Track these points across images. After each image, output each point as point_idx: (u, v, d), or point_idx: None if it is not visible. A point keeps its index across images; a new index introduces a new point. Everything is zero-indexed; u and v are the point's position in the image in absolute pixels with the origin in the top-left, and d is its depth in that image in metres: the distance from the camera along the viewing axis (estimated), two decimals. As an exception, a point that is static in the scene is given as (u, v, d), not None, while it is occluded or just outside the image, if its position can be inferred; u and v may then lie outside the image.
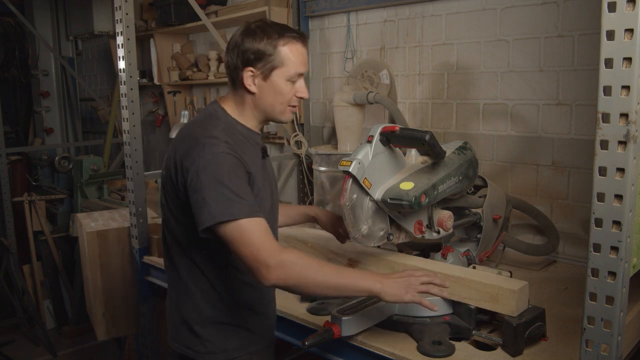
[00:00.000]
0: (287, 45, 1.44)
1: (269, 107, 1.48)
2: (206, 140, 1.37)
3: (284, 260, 1.27)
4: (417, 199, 1.51)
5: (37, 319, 4.23)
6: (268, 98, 1.47)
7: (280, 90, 1.45)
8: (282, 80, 1.45)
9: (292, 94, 1.47)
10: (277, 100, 1.47)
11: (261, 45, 1.42)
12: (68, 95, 5.73)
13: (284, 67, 1.43)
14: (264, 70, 1.44)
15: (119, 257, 2.53)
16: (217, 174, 1.32)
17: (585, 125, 2.10)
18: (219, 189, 1.31)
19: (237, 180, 1.34)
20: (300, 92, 1.49)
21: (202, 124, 1.46)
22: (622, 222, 1.00)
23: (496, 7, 2.28)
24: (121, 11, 2.27)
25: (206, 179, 1.32)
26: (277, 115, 1.50)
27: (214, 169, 1.33)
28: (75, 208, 4.20)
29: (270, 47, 1.42)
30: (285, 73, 1.44)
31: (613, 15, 0.97)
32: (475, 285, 1.49)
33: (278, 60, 1.43)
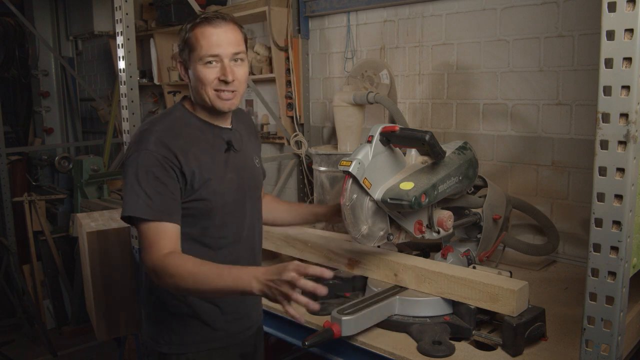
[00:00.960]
0: (197, 28, 1.44)
1: (197, 94, 1.48)
2: (141, 135, 1.43)
3: (161, 271, 1.32)
4: (417, 199, 1.51)
5: (37, 319, 4.23)
6: (194, 85, 1.48)
7: (198, 75, 1.44)
8: (197, 64, 1.44)
9: (212, 78, 1.44)
10: (199, 86, 1.46)
11: (181, 36, 1.48)
12: (68, 95, 5.73)
13: (195, 50, 1.44)
14: (185, 58, 1.47)
15: (119, 257, 2.53)
16: (135, 170, 1.38)
17: (585, 125, 2.10)
18: (133, 185, 1.37)
19: (153, 181, 1.38)
20: (220, 73, 1.44)
21: (153, 119, 1.50)
22: (622, 222, 1.00)
23: (496, 7, 2.28)
24: (121, 11, 2.27)
25: (127, 174, 1.39)
26: (209, 102, 1.47)
27: (135, 165, 1.38)
28: (75, 208, 4.20)
29: (186, 34, 1.46)
30: (197, 56, 1.44)
31: (613, 15, 0.97)
32: (475, 285, 1.49)
33: (191, 45, 1.45)
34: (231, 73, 1.44)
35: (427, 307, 1.56)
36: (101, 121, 5.27)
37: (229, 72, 1.43)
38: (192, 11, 2.89)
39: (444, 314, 1.55)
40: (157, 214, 1.36)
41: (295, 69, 3.06)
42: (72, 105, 5.73)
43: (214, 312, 1.53)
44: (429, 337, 1.45)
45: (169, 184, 1.39)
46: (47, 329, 4.29)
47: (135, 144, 1.42)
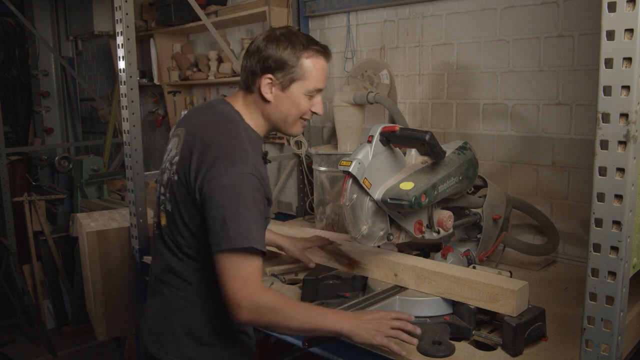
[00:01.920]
0: (311, 58, 1.41)
1: (282, 118, 1.44)
2: (235, 156, 1.32)
3: (258, 305, 1.27)
4: (417, 199, 1.51)
5: (37, 319, 4.23)
6: (283, 109, 1.43)
7: (297, 103, 1.42)
8: (300, 94, 1.42)
9: (307, 108, 1.44)
10: (291, 113, 1.43)
11: (284, 55, 1.38)
12: (68, 95, 5.73)
13: (305, 81, 1.40)
14: (284, 80, 1.40)
15: (119, 257, 2.53)
16: (241, 196, 1.28)
17: (585, 125, 2.10)
18: (241, 213, 1.27)
19: (257, 207, 1.30)
20: (316, 107, 1.46)
21: (222, 130, 1.40)
22: (622, 222, 1.00)
23: (496, 7, 2.28)
24: (121, 11, 2.27)
25: (230, 198, 1.28)
26: (287, 127, 1.46)
27: (239, 189, 1.29)
28: (75, 208, 4.20)
29: (293, 58, 1.39)
30: (305, 87, 1.41)
31: (613, 15, 0.97)
32: (475, 285, 1.49)
33: (299, 73, 1.40)
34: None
35: (427, 307, 1.56)
36: (101, 121, 5.27)
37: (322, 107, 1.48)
38: (192, 11, 2.89)
39: (444, 314, 1.55)
40: (262, 245, 1.30)
41: (295, 69, 3.05)
42: (72, 105, 5.73)
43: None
44: (429, 337, 1.45)
45: (262, 212, 1.33)
46: (47, 329, 4.29)
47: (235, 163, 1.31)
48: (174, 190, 1.42)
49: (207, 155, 1.33)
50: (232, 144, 1.35)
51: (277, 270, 2.02)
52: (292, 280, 1.99)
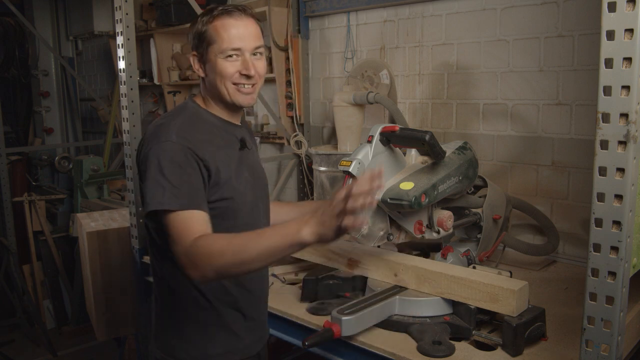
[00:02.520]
0: (217, 20, 1.40)
1: (216, 89, 1.43)
2: (159, 129, 1.37)
3: (197, 256, 1.20)
4: (417, 199, 1.51)
5: (37, 319, 4.23)
6: (211, 79, 1.43)
7: (217, 69, 1.39)
8: (216, 57, 1.39)
9: (232, 71, 1.40)
10: (218, 80, 1.41)
11: (197, 28, 1.42)
12: (68, 95, 5.73)
13: (215, 44, 1.39)
14: (202, 52, 1.42)
15: (119, 257, 2.53)
16: (159, 162, 1.31)
17: (585, 125, 2.10)
18: (157, 178, 1.30)
19: (178, 170, 1.31)
20: (245, 67, 1.39)
21: (167, 115, 1.45)
22: (622, 222, 1.00)
23: (496, 7, 2.28)
24: (121, 11, 2.27)
25: (149, 167, 1.32)
26: (227, 96, 1.43)
27: (157, 157, 1.32)
28: (75, 208, 4.20)
29: (203, 26, 1.41)
30: (217, 49, 1.39)
31: (613, 15, 0.97)
32: (475, 285, 1.49)
33: (209, 38, 1.40)
34: (253, 67, 1.40)
35: (427, 307, 1.56)
36: (101, 121, 5.27)
37: (251, 66, 1.40)
38: (192, 11, 2.89)
39: (444, 314, 1.55)
40: (184, 203, 1.28)
41: (295, 69, 3.06)
42: (72, 105, 5.73)
43: (238, 317, 1.49)
44: (429, 337, 1.45)
45: (193, 175, 1.32)
46: (47, 329, 4.29)
47: (154, 137, 1.36)
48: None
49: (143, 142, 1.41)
50: (158, 124, 1.40)
51: (277, 270, 2.02)
52: (292, 280, 1.99)
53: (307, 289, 1.76)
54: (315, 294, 1.75)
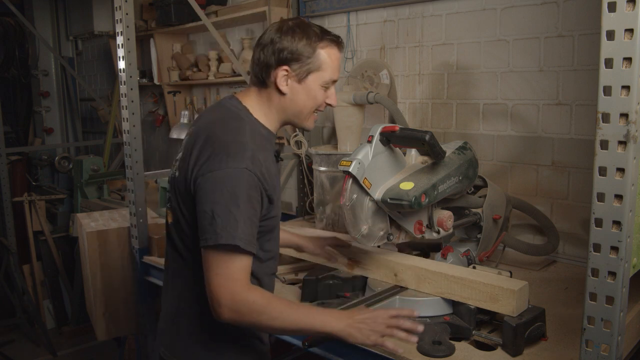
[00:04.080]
0: (326, 49, 1.37)
1: (297, 111, 1.41)
2: (233, 149, 1.29)
3: (240, 304, 1.23)
4: (417, 199, 1.51)
5: (37, 319, 4.23)
6: (299, 101, 1.40)
7: (313, 95, 1.39)
8: (316, 85, 1.39)
9: (322, 100, 1.42)
10: (307, 105, 1.40)
11: (300, 46, 1.35)
12: (68, 95, 5.73)
13: (321, 72, 1.38)
14: (300, 72, 1.37)
15: (119, 257, 2.53)
16: (232, 191, 1.25)
17: (585, 125, 2.10)
18: (231, 208, 1.24)
19: (249, 204, 1.27)
20: (331, 99, 1.43)
21: (225, 125, 1.36)
22: (622, 222, 1.00)
23: (496, 7, 2.28)
24: (121, 11, 2.27)
25: (220, 194, 1.25)
26: (302, 120, 1.43)
27: (231, 185, 1.25)
28: (75, 208, 4.20)
29: (309, 49, 1.35)
30: (321, 78, 1.38)
31: (613, 15, 0.97)
32: (475, 285, 1.49)
33: (316, 64, 1.36)
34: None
35: (427, 307, 1.56)
36: (101, 121, 5.27)
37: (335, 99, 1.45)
38: (192, 11, 2.88)
39: (444, 314, 1.55)
40: (249, 245, 1.26)
41: (295, 69, 3.05)
42: (72, 105, 5.73)
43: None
44: (429, 337, 1.45)
45: (257, 210, 1.30)
46: (47, 329, 4.29)
47: (231, 157, 1.27)
48: (176, 186, 1.40)
49: (206, 148, 1.31)
50: (231, 138, 1.32)
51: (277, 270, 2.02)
52: (292, 280, 1.99)
53: (307, 289, 1.76)
54: (315, 294, 1.75)
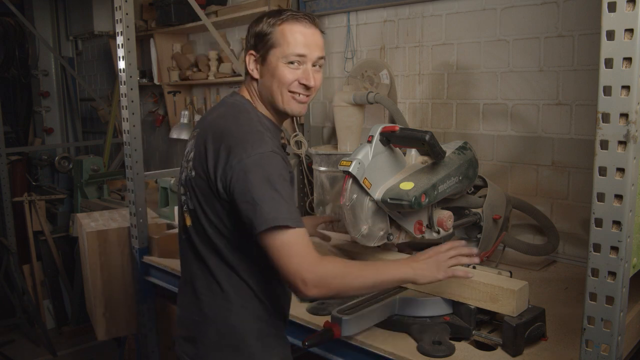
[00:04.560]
0: (285, 23, 1.34)
1: (270, 94, 1.38)
2: (250, 138, 1.28)
3: (322, 276, 1.23)
4: (417, 199, 1.51)
5: (37, 319, 4.23)
6: (267, 82, 1.38)
7: (276, 73, 1.34)
8: (278, 61, 1.34)
9: (292, 79, 1.35)
10: (274, 84, 1.36)
11: (262, 27, 1.36)
12: (68, 95, 5.73)
13: (279, 47, 1.34)
14: (263, 52, 1.36)
15: (119, 257, 2.53)
16: (266, 174, 1.24)
17: (585, 125, 2.10)
18: (269, 192, 1.23)
19: (285, 184, 1.26)
20: (305, 77, 1.36)
21: (235, 119, 1.35)
22: (622, 222, 1.00)
23: (496, 7, 2.28)
24: (121, 11, 2.27)
25: (256, 179, 1.23)
26: (280, 103, 1.38)
27: (263, 168, 1.24)
28: (75, 208, 4.20)
29: (269, 28, 1.35)
30: (281, 53, 1.34)
31: (613, 15, 0.97)
32: (475, 285, 1.49)
33: (273, 40, 1.35)
34: (313, 78, 1.37)
35: (427, 307, 1.56)
36: (101, 121, 5.27)
37: (311, 77, 1.37)
38: (192, 11, 2.88)
39: (444, 314, 1.55)
40: (298, 222, 1.24)
41: (295, 69, 3.05)
42: (72, 105, 5.73)
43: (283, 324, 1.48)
44: (429, 337, 1.45)
45: (292, 189, 1.29)
46: (47, 329, 4.29)
47: (256, 144, 1.27)
48: (194, 186, 1.37)
49: (223, 145, 1.29)
50: (245, 129, 1.31)
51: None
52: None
53: (307, 289, 1.76)
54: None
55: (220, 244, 1.36)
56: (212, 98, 3.91)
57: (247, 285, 1.37)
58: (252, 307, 1.38)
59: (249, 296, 1.38)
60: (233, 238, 1.34)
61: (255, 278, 1.38)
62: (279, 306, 1.44)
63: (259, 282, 1.38)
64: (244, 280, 1.37)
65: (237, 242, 1.34)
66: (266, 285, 1.40)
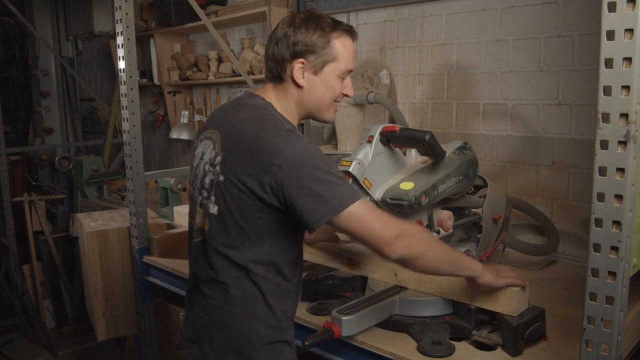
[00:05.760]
0: (340, 38, 1.37)
1: (316, 103, 1.41)
2: (287, 137, 1.29)
3: (408, 234, 1.27)
4: (417, 199, 1.51)
5: (37, 319, 4.23)
6: (317, 93, 1.39)
7: (330, 86, 1.39)
8: (333, 76, 1.38)
9: (340, 91, 1.42)
10: (325, 96, 1.40)
11: (314, 37, 1.35)
12: (68, 95, 5.73)
13: (337, 62, 1.37)
14: (316, 63, 1.36)
15: (119, 257, 2.53)
16: (316, 164, 1.26)
17: (585, 125, 2.10)
18: (327, 179, 1.25)
19: (332, 165, 1.29)
20: (347, 89, 1.43)
21: (262, 122, 1.34)
22: (622, 222, 1.00)
23: (496, 7, 2.28)
24: (121, 11, 2.27)
25: (310, 172, 1.24)
26: (321, 112, 1.43)
27: (311, 160, 1.26)
28: (75, 208, 4.20)
29: (323, 40, 1.35)
30: (337, 68, 1.38)
31: (613, 15, 0.97)
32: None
33: (331, 55, 1.36)
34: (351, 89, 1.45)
35: (427, 307, 1.56)
36: (101, 121, 5.27)
37: (351, 89, 1.45)
38: (192, 11, 2.88)
39: (444, 314, 1.55)
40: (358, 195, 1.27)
41: (295, 69, 3.05)
42: (72, 105, 5.73)
43: (290, 327, 1.45)
44: (429, 337, 1.45)
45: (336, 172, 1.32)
46: (47, 329, 4.29)
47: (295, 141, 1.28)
48: (222, 191, 1.34)
49: (258, 150, 1.28)
50: (278, 131, 1.32)
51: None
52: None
53: (307, 289, 1.76)
54: (315, 294, 1.75)
55: (240, 248, 1.34)
56: (212, 98, 3.91)
57: (258, 290, 1.36)
58: (261, 313, 1.37)
59: (259, 302, 1.37)
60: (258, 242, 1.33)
61: (268, 283, 1.37)
62: (288, 312, 1.42)
63: (270, 287, 1.37)
64: (256, 284, 1.36)
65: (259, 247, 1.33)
66: (277, 290, 1.38)
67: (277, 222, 1.33)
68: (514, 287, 1.43)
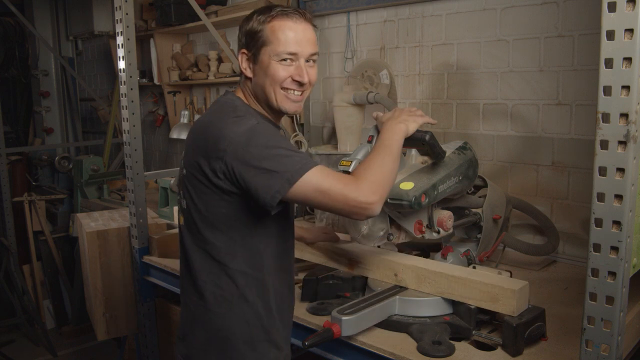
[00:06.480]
0: (275, 20, 1.33)
1: (264, 92, 1.37)
2: (234, 119, 1.29)
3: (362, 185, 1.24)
4: (417, 199, 1.51)
5: (37, 319, 4.23)
6: (260, 80, 1.36)
7: (270, 72, 1.33)
8: (270, 59, 1.33)
9: (285, 76, 1.34)
10: (267, 83, 1.35)
11: (252, 25, 1.35)
12: (68, 95, 5.73)
13: (271, 45, 1.32)
14: (254, 50, 1.35)
15: (119, 257, 2.53)
16: (264, 141, 1.24)
17: (585, 125, 2.10)
18: (276, 154, 1.23)
19: (282, 140, 1.27)
20: (299, 75, 1.34)
21: (219, 112, 1.36)
22: (622, 222, 1.00)
23: (496, 7, 2.28)
24: (121, 11, 2.27)
25: (255, 151, 1.23)
26: (274, 101, 1.37)
27: (255, 139, 1.24)
28: (75, 208, 4.20)
29: (259, 26, 1.34)
30: (272, 51, 1.32)
31: (613, 15, 0.97)
32: (475, 285, 1.49)
33: (264, 38, 1.33)
34: (306, 74, 1.36)
35: (427, 307, 1.56)
36: (101, 121, 5.27)
37: (305, 73, 1.35)
38: (192, 11, 2.88)
39: (444, 314, 1.55)
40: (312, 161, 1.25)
41: (295, 69, 3.05)
42: (72, 105, 5.73)
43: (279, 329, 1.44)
44: (429, 337, 1.45)
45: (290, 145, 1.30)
46: (47, 329, 4.29)
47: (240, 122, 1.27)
48: (186, 184, 1.37)
49: (209, 135, 1.30)
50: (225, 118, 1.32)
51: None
52: (292, 280, 1.99)
53: (307, 289, 1.76)
54: (315, 294, 1.75)
55: (212, 241, 1.35)
56: (212, 98, 3.91)
57: (236, 286, 1.35)
58: (240, 311, 1.36)
59: (237, 299, 1.36)
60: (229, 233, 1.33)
61: (246, 279, 1.36)
62: (271, 307, 1.40)
63: (249, 283, 1.36)
64: (234, 281, 1.35)
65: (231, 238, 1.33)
66: (257, 284, 1.37)
67: (242, 210, 1.31)
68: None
